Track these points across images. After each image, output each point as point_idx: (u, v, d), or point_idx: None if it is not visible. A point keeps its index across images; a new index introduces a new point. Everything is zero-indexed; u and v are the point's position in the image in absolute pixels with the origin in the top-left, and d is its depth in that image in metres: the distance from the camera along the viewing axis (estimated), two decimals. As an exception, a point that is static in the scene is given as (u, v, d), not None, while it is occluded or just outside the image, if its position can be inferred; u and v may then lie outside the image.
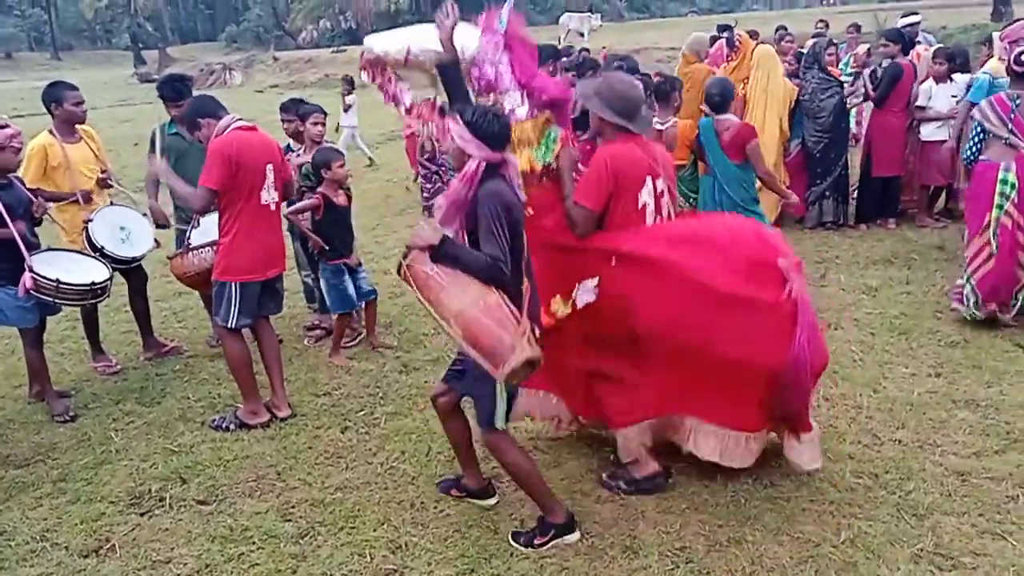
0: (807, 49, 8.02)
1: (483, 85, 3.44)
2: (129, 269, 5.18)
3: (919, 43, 9.01)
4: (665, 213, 3.54)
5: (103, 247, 4.84)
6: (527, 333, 2.89)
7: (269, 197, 4.28)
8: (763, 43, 8.80)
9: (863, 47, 8.94)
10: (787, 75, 7.89)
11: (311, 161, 5.17)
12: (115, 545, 3.44)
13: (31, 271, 4.32)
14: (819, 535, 3.27)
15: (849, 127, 8.40)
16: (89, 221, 4.86)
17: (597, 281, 3.44)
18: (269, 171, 4.24)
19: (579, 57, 9.50)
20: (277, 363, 4.56)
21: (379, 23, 39.32)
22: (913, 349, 5.02)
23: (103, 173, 5.21)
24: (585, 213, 3.45)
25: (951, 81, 7.26)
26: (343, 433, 4.32)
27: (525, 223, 3.15)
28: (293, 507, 3.65)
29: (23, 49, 61.48)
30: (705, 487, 3.63)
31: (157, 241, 5.26)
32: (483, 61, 3.40)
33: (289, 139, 5.71)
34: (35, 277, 4.32)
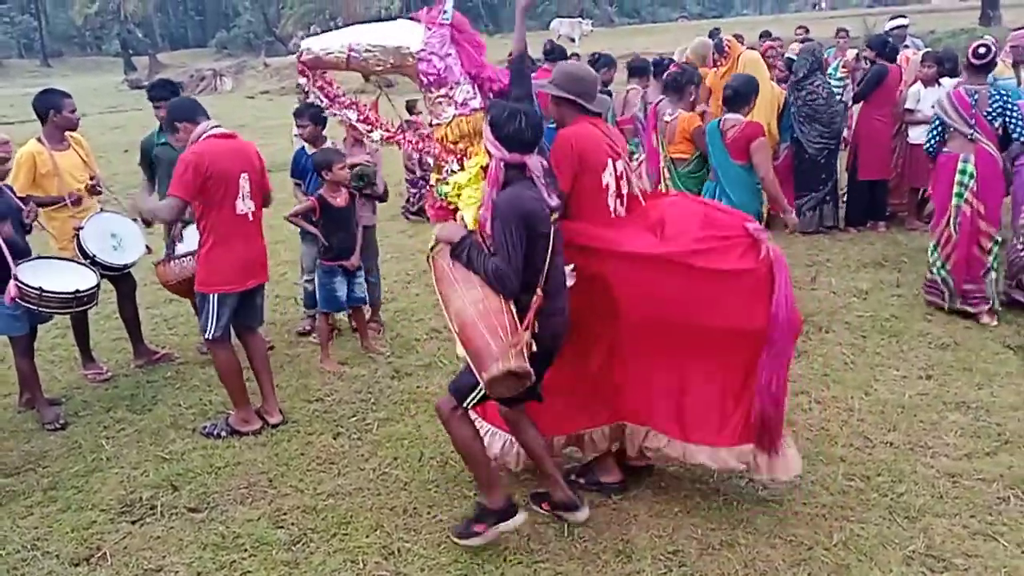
0: (797, 56, 8.05)
1: (432, 80, 3.38)
2: (118, 275, 5.17)
3: (907, 47, 9.06)
4: (625, 193, 3.53)
5: (95, 255, 4.82)
6: (519, 345, 2.89)
7: (245, 207, 4.19)
8: (750, 48, 8.83)
9: (852, 52, 8.98)
10: (776, 81, 7.92)
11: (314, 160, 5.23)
12: (106, 553, 3.42)
13: (15, 279, 4.31)
14: (811, 538, 3.28)
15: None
16: (80, 229, 4.84)
17: (572, 267, 3.38)
18: (244, 180, 4.16)
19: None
20: (266, 371, 4.54)
21: (370, 29, 39.22)
22: (904, 351, 5.05)
23: (92, 180, 5.19)
24: None
25: (939, 85, 7.31)
26: (335, 439, 4.31)
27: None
28: (285, 514, 3.64)
29: (12, 56, 61.31)
30: (697, 490, 3.64)
31: (148, 247, 5.25)
32: (430, 55, 3.34)
33: (304, 143, 5.70)
34: (19, 285, 4.30)
